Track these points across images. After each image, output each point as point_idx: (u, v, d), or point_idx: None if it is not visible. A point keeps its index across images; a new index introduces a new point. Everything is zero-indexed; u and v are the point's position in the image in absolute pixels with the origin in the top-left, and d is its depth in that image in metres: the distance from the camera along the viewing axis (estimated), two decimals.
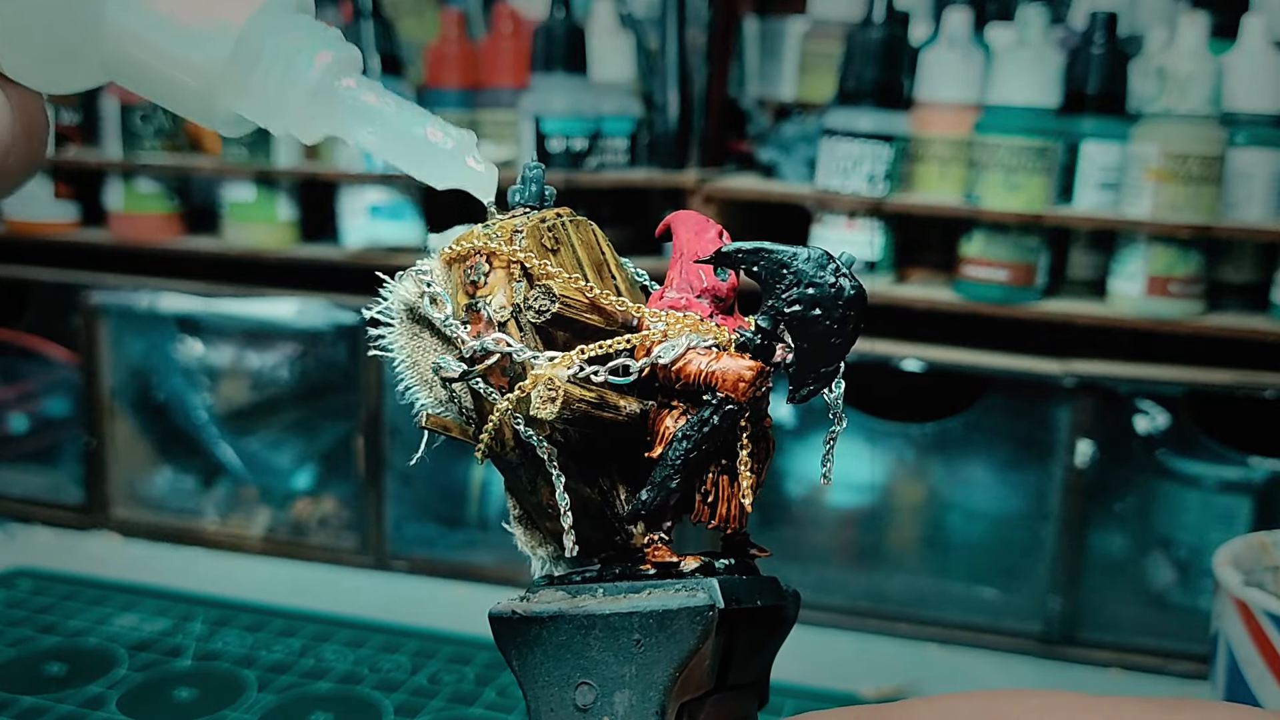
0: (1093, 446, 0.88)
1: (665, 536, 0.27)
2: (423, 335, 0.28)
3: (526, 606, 0.27)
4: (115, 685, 0.79)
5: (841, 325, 0.26)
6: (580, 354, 0.26)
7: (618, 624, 0.25)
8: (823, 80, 1.03)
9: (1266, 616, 0.57)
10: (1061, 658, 0.90)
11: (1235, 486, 0.88)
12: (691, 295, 0.28)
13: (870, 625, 0.94)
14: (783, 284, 0.26)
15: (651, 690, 0.25)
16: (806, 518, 0.97)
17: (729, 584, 0.26)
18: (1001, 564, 0.93)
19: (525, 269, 0.27)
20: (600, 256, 0.29)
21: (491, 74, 1.04)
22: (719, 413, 0.26)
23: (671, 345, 0.26)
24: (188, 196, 1.11)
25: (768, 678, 0.29)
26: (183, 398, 1.10)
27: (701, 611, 0.25)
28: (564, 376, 0.26)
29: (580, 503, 0.28)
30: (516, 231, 0.27)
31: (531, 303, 0.27)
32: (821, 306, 0.25)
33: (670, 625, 0.25)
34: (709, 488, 0.27)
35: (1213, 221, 0.86)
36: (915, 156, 0.94)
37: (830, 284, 0.25)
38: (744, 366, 0.26)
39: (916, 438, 0.94)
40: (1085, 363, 0.88)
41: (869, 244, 0.93)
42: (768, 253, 0.26)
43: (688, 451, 0.26)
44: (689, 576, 0.26)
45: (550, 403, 0.26)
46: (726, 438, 0.27)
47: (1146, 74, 0.89)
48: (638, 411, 0.27)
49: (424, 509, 1.03)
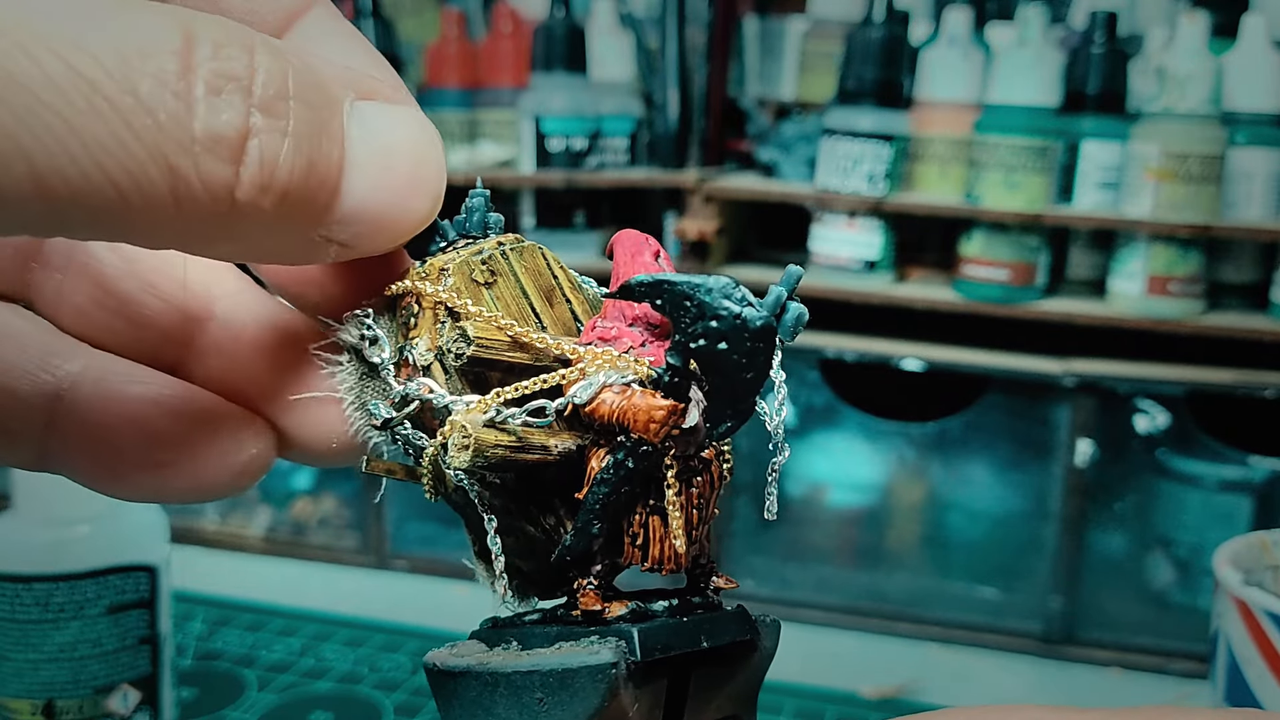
0: (1093, 446, 0.88)
1: (594, 582, 0.26)
2: (368, 375, 0.28)
3: (444, 659, 0.26)
4: None
5: (750, 358, 0.24)
6: (496, 397, 0.26)
7: (520, 683, 0.24)
8: (823, 80, 1.03)
9: (1267, 616, 0.57)
10: (1062, 657, 0.90)
11: (1235, 486, 0.88)
12: (623, 324, 0.27)
13: (870, 625, 0.94)
14: (687, 317, 0.24)
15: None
16: (806, 518, 0.97)
17: (655, 631, 0.24)
18: (1001, 563, 0.93)
19: (450, 309, 0.26)
20: (551, 282, 0.28)
21: (491, 74, 1.04)
22: (633, 455, 0.25)
23: (588, 384, 0.25)
24: None
25: (750, 708, 0.28)
26: None
27: (603, 669, 0.24)
28: (478, 422, 0.25)
29: (526, 541, 0.27)
30: (444, 270, 0.27)
31: (449, 346, 0.26)
32: (727, 340, 0.24)
33: (571, 684, 0.24)
34: (637, 529, 0.26)
35: (1213, 221, 0.86)
36: (915, 156, 0.94)
37: (734, 315, 0.24)
38: (654, 406, 0.25)
39: (916, 437, 0.94)
40: (1085, 362, 0.88)
41: (869, 243, 0.93)
42: (669, 285, 0.25)
43: (605, 495, 0.25)
44: (612, 624, 0.25)
45: (464, 450, 0.25)
46: (647, 478, 0.25)
47: (1146, 73, 0.89)
48: (573, 448, 0.26)
49: (424, 509, 1.03)
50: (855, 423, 0.94)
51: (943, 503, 0.95)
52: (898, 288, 0.94)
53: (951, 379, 0.91)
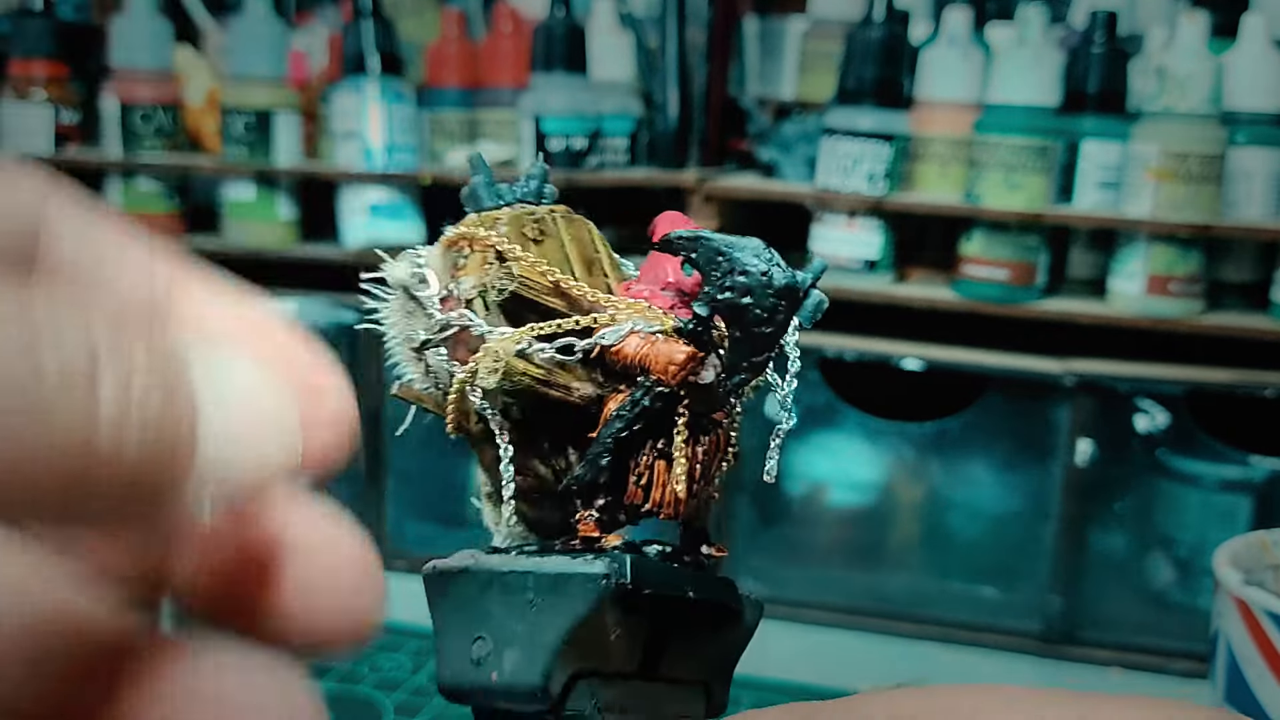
0: (1093, 446, 0.88)
1: (597, 514, 0.27)
2: (414, 314, 0.29)
3: (444, 563, 0.27)
4: None
5: (770, 314, 0.26)
6: (530, 330, 0.27)
7: (514, 582, 0.26)
8: (823, 79, 1.03)
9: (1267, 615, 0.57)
10: (1061, 657, 0.90)
11: (1235, 485, 0.88)
12: (656, 289, 0.28)
13: (870, 625, 0.94)
14: (718, 271, 0.26)
15: (539, 651, 0.25)
16: (806, 517, 0.97)
17: (645, 565, 0.26)
18: (1001, 563, 0.93)
19: (499, 253, 0.28)
20: (593, 254, 0.30)
21: (491, 73, 1.04)
22: (649, 394, 0.27)
23: (617, 329, 0.27)
24: (188, 196, 1.11)
25: (723, 682, 0.29)
26: None
27: (594, 578, 0.25)
28: (510, 350, 0.27)
29: (537, 481, 0.29)
30: (498, 220, 0.28)
31: (494, 282, 0.28)
32: (752, 294, 0.26)
33: (563, 588, 0.25)
34: (642, 470, 0.27)
35: (1213, 220, 0.86)
36: (915, 155, 0.94)
37: (761, 271, 0.26)
38: (675, 350, 0.26)
39: (916, 437, 0.94)
40: (1085, 362, 0.88)
41: (869, 243, 0.93)
42: (705, 239, 0.26)
43: (618, 431, 0.27)
44: (608, 551, 0.26)
45: (494, 373, 0.26)
46: (660, 420, 0.27)
47: (1146, 73, 0.89)
48: (592, 394, 0.28)
49: (424, 508, 1.03)
50: (855, 422, 0.93)
51: (942, 503, 0.95)
52: (898, 287, 0.94)
53: (951, 379, 0.91)
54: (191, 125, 1.11)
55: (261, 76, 1.03)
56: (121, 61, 1.06)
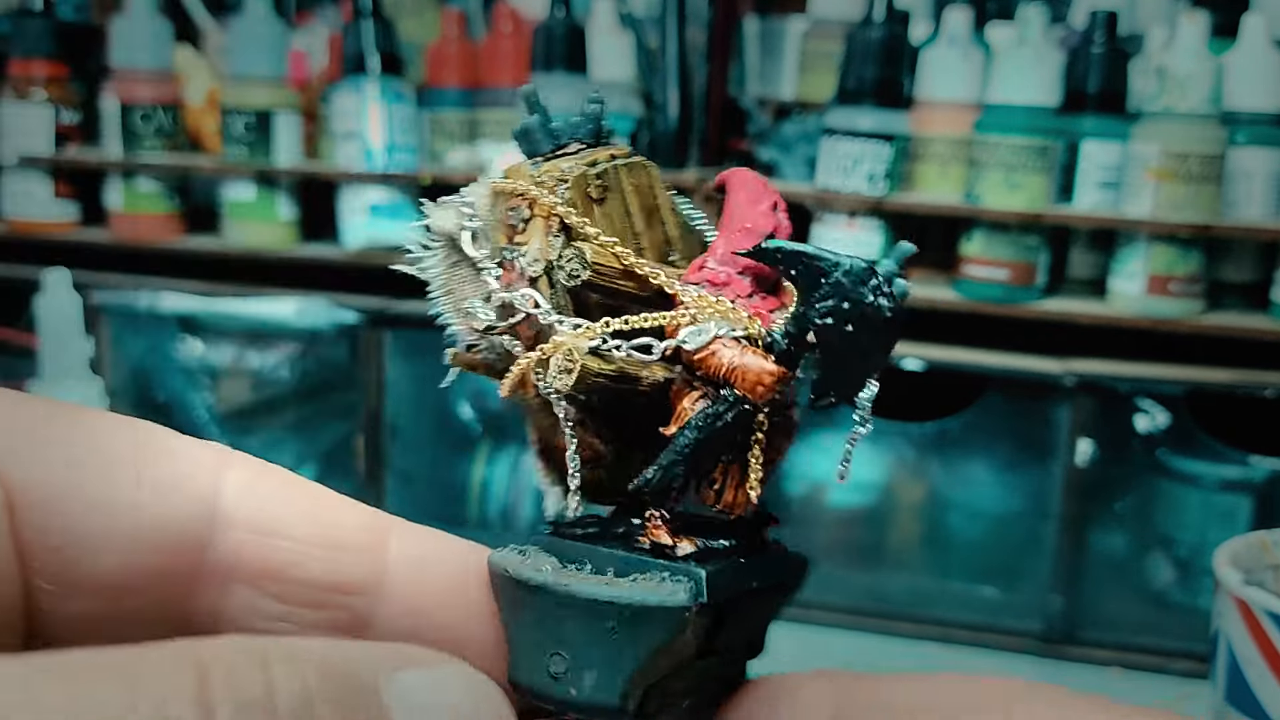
0: (1093, 445, 0.88)
1: (666, 514, 0.26)
2: (460, 264, 0.28)
3: (518, 569, 0.26)
4: None
5: (871, 346, 0.25)
6: (605, 326, 0.26)
7: (595, 610, 0.25)
8: (823, 79, 1.03)
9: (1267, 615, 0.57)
10: (1062, 657, 0.90)
11: (1235, 485, 0.88)
12: (733, 271, 0.27)
13: (870, 625, 0.94)
14: (818, 293, 0.25)
15: (618, 675, 0.25)
16: (806, 517, 0.97)
17: (720, 574, 0.25)
18: (1001, 563, 0.93)
19: (564, 223, 0.26)
20: (653, 201, 0.29)
21: (491, 73, 1.04)
22: (733, 410, 0.26)
23: (699, 330, 0.26)
24: (188, 196, 1.11)
25: (763, 634, 0.29)
26: (183, 397, 1.10)
27: (677, 611, 0.24)
28: (584, 349, 0.25)
29: (594, 454, 0.28)
30: (562, 181, 0.27)
31: (564, 264, 0.26)
32: (854, 324, 0.25)
33: (645, 620, 0.25)
34: (716, 477, 0.26)
35: (1213, 221, 0.86)
36: (915, 155, 0.94)
37: (868, 303, 0.24)
38: (765, 370, 0.25)
39: (916, 437, 0.94)
40: (1085, 362, 0.88)
41: (869, 243, 0.93)
42: (808, 258, 0.25)
43: (696, 441, 0.26)
44: (680, 561, 0.26)
45: (567, 374, 0.25)
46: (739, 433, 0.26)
47: (1147, 73, 0.89)
48: (661, 380, 0.27)
49: (424, 509, 1.03)
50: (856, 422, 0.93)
51: (943, 503, 0.95)
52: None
53: (952, 379, 0.91)
54: (191, 125, 1.11)
55: (261, 76, 1.03)
56: (121, 61, 1.06)
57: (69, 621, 0.23)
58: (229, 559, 0.25)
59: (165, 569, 0.24)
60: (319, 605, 0.26)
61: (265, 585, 0.25)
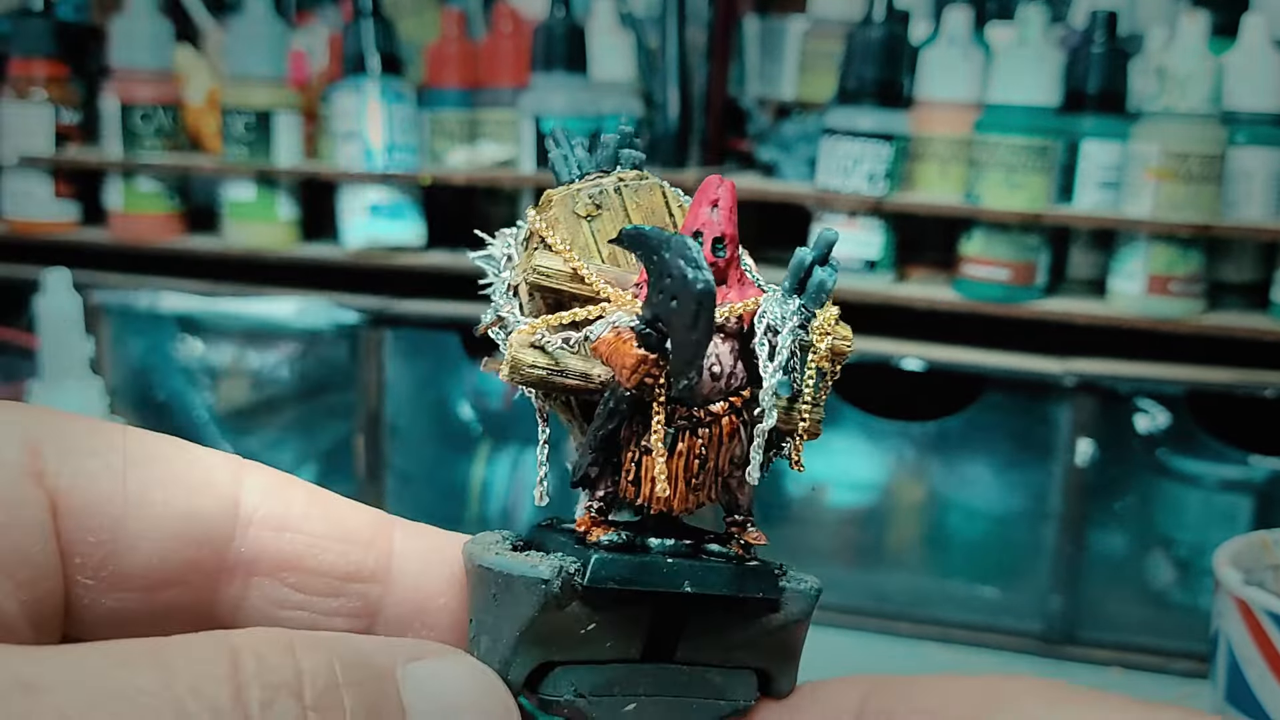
0: (1093, 445, 0.88)
1: (593, 505, 0.27)
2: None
3: (469, 547, 0.28)
4: None
5: (695, 319, 0.24)
6: (544, 322, 0.27)
7: (484, 577, 0.27)
8: (823, 79, 1.03)
9: (1267, 615, 0.57)
10: (1062, 657, 0.90)
11: (1236, 485, 0.88)
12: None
13: (870, 625, 0.94)
14: (654, 273, 0.25)
15: (501, 642, 0.26)
16: (806, 517, 0.97)
17: (612, 563, 0.26)
18: (1001, 563, 0.93)
19: (543, 238, 0.28)
20: (665, 220, 0.30)
21: (491, 73, 1.04)
22: (617, 399, 0.26)
23: (605, 322, 0.27)
24: (188, 196, 1.11)
25: (782, 665, 0.29)
26: (183, 397, 1.10)
27: (534, 583, 0.26)
28: (524, 343, 0.27)
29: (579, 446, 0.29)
30: (550, 201, 0.29)
31: (529, 272, 0.28)
32: (678, 299, 0.25)
33: (512, 589, 0.26)
34: (629, 466, 0.27)
35: (1213, 220, 0.86)
36: (915, 155, 0.94)
37: (682, 274, 0.24)
38: (627, 354, 0.26)
39: (916, 437, 0.94)
40: (1085, 362, 0.88)
41: (869, 243, 0.93)
42: (644, 238, 0.26)
43: (595, 430, 0.27)
44: (589, 547, 0.27)
45: (507, 366, 0.27)
46: (633, 419, 0.27)
47: (1147, 73, 0.89)
48: (596, 375, 0.27)
49: (424, 509, 1.03)
50: (855, 422, 0.93)
51: (942, 502, 0.95)
52: (898, 287, 0.94)
53: (951, 379, 0.91)
54: (191, 125, 1.11)
55: (261, 76, 1.03)
56: (121, 61, 1.07)
57: (105, 615, 0.25)
58: (251, 553, 0.27)
59: (194, 563, 0.26)
60: (334, 593, 0.27)
61: (284, 576, 0.27)
